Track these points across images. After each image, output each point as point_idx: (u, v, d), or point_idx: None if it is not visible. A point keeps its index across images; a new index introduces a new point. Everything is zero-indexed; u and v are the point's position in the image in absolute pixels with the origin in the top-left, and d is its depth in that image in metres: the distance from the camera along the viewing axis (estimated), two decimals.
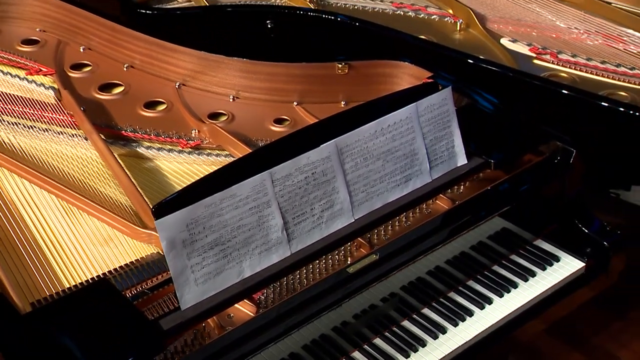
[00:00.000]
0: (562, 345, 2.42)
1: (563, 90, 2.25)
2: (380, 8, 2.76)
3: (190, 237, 1.56)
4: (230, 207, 1.60)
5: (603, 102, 2.18)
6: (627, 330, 2.52)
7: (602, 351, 2.46)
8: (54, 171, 2.04)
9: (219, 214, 1.59)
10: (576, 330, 2.42)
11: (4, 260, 1.79)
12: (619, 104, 2.18)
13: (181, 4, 2.80)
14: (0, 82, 2.36)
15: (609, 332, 2.50)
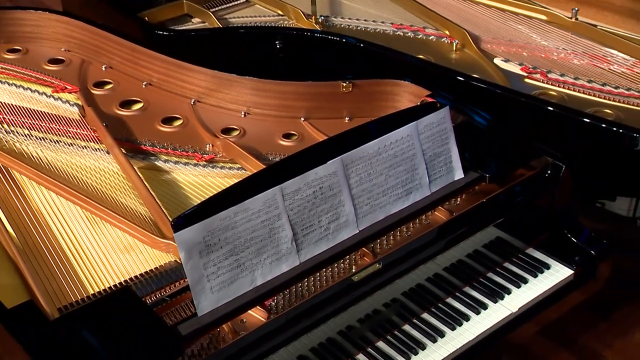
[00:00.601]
0: (551, 345, 2.42)
1: (551, 108, 2.24)
2: (382, 29, 2.76)
3: (206, 249, 1.56)
4: (243, 220, 1.60)
5: (590, 120, 2.17)
6: (611, 330, 2.52)
7: (588, 350, 2.46)
8: (78, 183, 2.04)
9: (233, 227, 1.59)
10: (565, 331, 2.42)
11: (32, 267, 1.79)
12: (604, 121, 2.17)
13: (195, 24, 2.81)
14: (29, 99, 2.35)
15: (596, 333, 2.49)
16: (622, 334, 2.53)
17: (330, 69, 2.55)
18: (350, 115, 2.29)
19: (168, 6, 2.83)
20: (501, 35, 2.71)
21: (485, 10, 2.86)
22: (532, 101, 2.27)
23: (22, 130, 2.21)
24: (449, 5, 2.90)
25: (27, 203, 1.99)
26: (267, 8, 2.91)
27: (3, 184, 2.03)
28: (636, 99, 2.33)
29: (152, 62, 2.43)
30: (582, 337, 2.48)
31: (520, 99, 2.28)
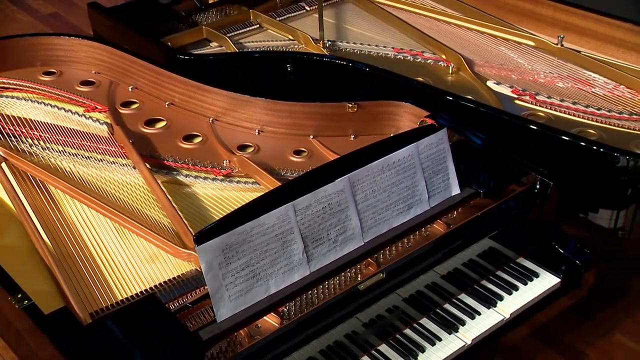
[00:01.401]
0: (539, 344, 2.40)
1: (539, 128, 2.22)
2: (384, 53, 2.75)
3: (225, 260, 1.56)
4: (259, 234, 1.60)
5: (574, 140, 2.16)
6: (593, 331, 2.50)
7: (573, 349, 2.44)
8: (107, 196, 2.04)
9: (250, 240, 1.59)
10: (551, 332, 2.40)
11: (66, 274, 1.78)
12: (588, 141, 2.15)
13: (213, 48, 2.81)
14: (63, 118, 2.35)
15: (579, 333, 2.48)
16: (604, 334, 2.51)
17: (337, 90, 2.54)
18: (355, 133, 2.29)
19: (188, 32, 2.82)
20: (493, 60, 2.70)
21: (479, 37, 2.85)
22: (522, 122, 2.26)
23: (57, 147, 2.21)
24: (445, 32, 2.88)
25: (61, 215, 1.99)
26: (278, 33, 2.90)
27: (40, 197, 2.03)
28: (617, 120, 2.32)
29: (174, 84, 2.43)
30: (567, 337, 2.46)
31: (511, 119, 2.26)
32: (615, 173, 2.12)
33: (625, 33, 2.64)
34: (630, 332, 2.53)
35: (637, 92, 2.47)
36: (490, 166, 2.01)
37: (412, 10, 3.03)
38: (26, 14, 4.52)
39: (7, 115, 2.33)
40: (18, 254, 1.88)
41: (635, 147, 2.19)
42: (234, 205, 2.04)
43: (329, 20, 2.98)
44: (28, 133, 2.25)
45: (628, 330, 2.54)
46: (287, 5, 3.08)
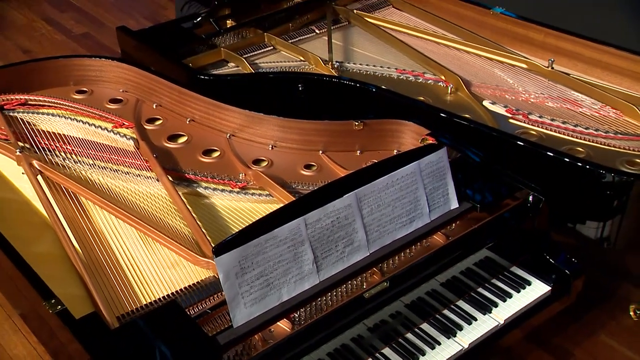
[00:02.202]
0: (529, 345, 2.38)
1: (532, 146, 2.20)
2: (387, 73, 2.72)
3: (241, 270, 1.54)
4: (272, 246, 1.58)
5: (564, 157, 2.13)
6: (580, 332, 2.48)
7: (561, 349, 2.42)
8: (132, 206, 2.02)
9: (264, 252, 1.57)
10: (541, 333, 2.38)
11: (95, 280, 1.77)
12: (576, 159, 2.13)
13: (231, 69, 2.79)
14: (93, 134, 2.34)
15: (567, 334, 2.45)
16: (589, 334, 2.49)
17: (345, 108, 2.52)
18: (361, 148, 2.27)
19: (208, 53, 2.80)
20: (489, 81, 2.67)
21: (475, 59, 2.82)
22: (515, 139, 2.23)
23: (88, 160, 2.19)
24: (444, 54, 2.86)
25: (91, 224, 1.97)
26: (290, 54, 2.88)
27: (72, 207, 2.01)
28: (603, 139, 2.29)
29: (195, 102, 2.41)
30: (555, 337, 2.44)
31: (506, 137, 2.24)
32: (602, 188, 2.09)
33: (610, 57, 2.61)
34: (613, 334, 2.50)
35: (621, 112, 2.44)
36: (486, 182, 1.99)
37: (413, 33, 3.00)
38: (61, 34, 4.52)
39: (43, 130, 2.32)
40: (52, 260, 1.87)
41: (620, 165, 2.17)
42: (249, 215, 2.03)
43: (337, 43, 2.96)
44: (61, 147, 2.24)
45: (612, 331, 2.51)
46: (299, 29, 3.06)
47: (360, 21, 3.08)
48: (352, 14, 3.11)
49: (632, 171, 2.13)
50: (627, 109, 2.42)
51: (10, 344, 2.49)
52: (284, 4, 3.20)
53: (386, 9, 3.21)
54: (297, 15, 3.08)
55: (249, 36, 2.96)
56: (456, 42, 2.91)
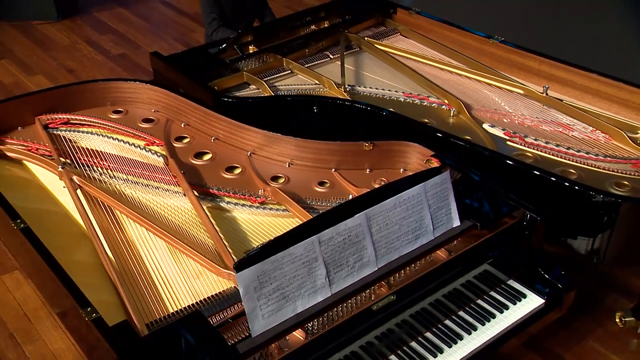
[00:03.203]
0: (522, 349, 2.33)
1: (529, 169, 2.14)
2: (395, 96, 2.68)
3: (259, 285, 1.51)
4: (288, 262, 1.55)
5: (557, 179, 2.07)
6: (570, 337, 2.42)
7: (552, 353, 2.36)
8: (161, 219, 2.00)
9: (280, 267, 1.54)
10: (534, 337, 2.32)
11: (127, 287, 1.75)
12: (569, 181, 2.07)
13: (252, 91, 2.76)
14: (127, 150, 2.32)
15: (558, 339, 2.39)
16: (579, 340, 2.43)
17: (356, 128, 2.48)
18: (370, 167, 2.23)
19: (231, 77, 2.77)
20: (488, 105, 2.61)
21: (476, 84, 2.77)
22: (513, 162, 2.17)
23: (122, 176, 2.17)
24: (448, 79, 2.81)
25: (124, 235, 1.96)
26: (307, 78, 2.84)
27: (107, 219, 2.00)
28: (593, 161, 2.23)
29: (219, 122, 2.38)
30: (547, 342, 2.38)
31: (504, 159, 2.18)
32: (592, 207, 2.04)
33: (600, 85, 2.54)
34: (601, 340, 2.44)
35: (610, 136, 2.37)
36: (486, 201, 1.94)
37: (419, 59, 2.95)
38: (100, 55, 4.52)
39: (83, 147, 2.31)
40: (89, 268, 1.86)
41: (609, 186, 2.11)
42: (267, 229, 1.99)
43: (349, 67, 2.92)
44: (99, 163, 2.22)
45: (599, 337, 2.45)
46: (314, 54, 3.03)
47: (370, 48, 3.04)
48: (363, 41, 3.07)
49: (620, 193, 2.07)
50: (615, 133, 2.36)
51: (51, 338, 2.47)
52: (301, 31, 3.17)
53: (394, 37, 3.17)
54: (313, 41, 3.05)
55: (269, 61, 2.93)
56: (458, 68, 2.85)
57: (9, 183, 2.17)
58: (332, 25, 3.19)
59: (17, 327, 2.52)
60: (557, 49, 2.82)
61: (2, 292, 2.68)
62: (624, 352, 2.40)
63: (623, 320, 2.47)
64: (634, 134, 2.38)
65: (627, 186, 2.11)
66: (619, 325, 2.48)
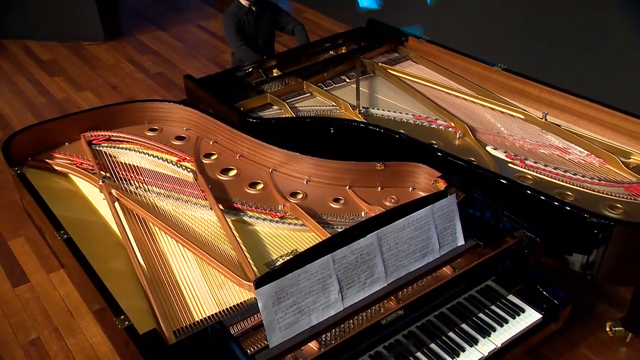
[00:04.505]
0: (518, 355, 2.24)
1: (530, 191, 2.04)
2: (406, 119, 2.60)
3: (277, 300, 1.46)
4: (304, 279, 1.49)
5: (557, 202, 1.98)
6: (563, 344, 2.33)
7: (546, 359, 2.28)
8: (189, 231, 1.96)
9: (297, 284, 1.48)
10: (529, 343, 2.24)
11: (157, 295, 1.71)
12: (566, 204, 1.97)
13: (275, 111, 2.71)
14: (161, 166, 2.28)
15: (552, 346, 2.31)
16: (571, 347, 2.34)
17: (370, 147, 2.42)
18: (381, 186, 2.16)
19: (256, 98, 2.72)
20: (491, 128, 2.52)
21: (480, 109, 2.68)
22: (515, 185, 2.07)
23: (155, 189, 2.14)
24: (454, 103, 2.73)
25: (156, 245, 1.91)
26: (325, 100, 2.79)
27: (141, 230, 1.96)
28: (589, 184, 2.14)
29: (244, 141, 2.33)
30: (542, 349, 2.29)
31: (507, 182, 2.09)
32: (587, 228, 1.95)
33: (595, 111, 2.44)
34: (592, 347, 2.35)
35: (604, 161, 2.28)
36: (489, 222, 1.87)
37: (428, 84, 2.88)
38: (140, 72, 4.51)
39: (122, 162, 2.28)
40: (123, 275, 1.82)
41: (603, 208, 2.01)
42: (285, 242, 1.94)
43: (364, 90, 2.85)
44: (135, 177, 2.19)
45: (591, 345, 2.36)
46: (332, 78, 2.97)
47: (383, 72, 2.97)
48: (377, 66, 3.00)
49: (613, 215, 1.98)
50: (609, 158, 2.26)
51: (90, 333, 2.45)
52: (320, 57, 3.11)
53: (406, 62, 3.10)
54: (331, 66, 2.99)
55: (290, 83, 2.88)
56: (464, 93, 2.77)
57: (56, 195, 2.15)
58: (349, 51, 3.12)
59: (61, 321, 2.50)
60: (556, 77, 2.73)
61: (49, 289, 2.67)
62: (613, 359, 2.31)
63: (613, 329, 2.38)
64: (627, 158, 2.28)
65: (620, 209, 2.01)
66: (608, 334, 2.39)
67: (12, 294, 2.63)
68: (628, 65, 3.33)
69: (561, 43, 3.60)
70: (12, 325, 2.48)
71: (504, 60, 2.80)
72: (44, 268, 2.77)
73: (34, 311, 2.56)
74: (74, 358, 2.34)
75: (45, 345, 2.41)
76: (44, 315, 2.54)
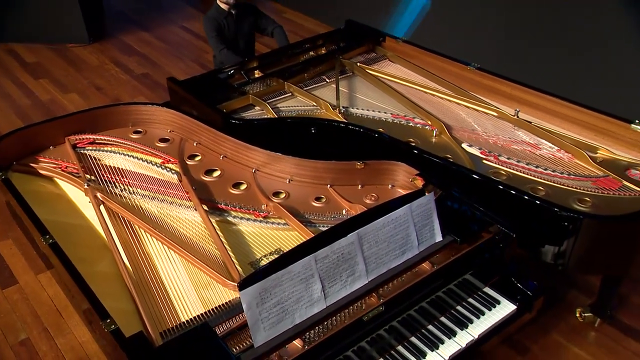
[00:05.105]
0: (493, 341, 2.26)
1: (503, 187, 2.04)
2: (384, 117, 2.58)
3: (261, 300, 1.42)
4: (287, 279, 1.46)
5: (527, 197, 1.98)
6: (536, 330, 2.35)
7: (521, 344, 2.28)
8: (174, 232, 1.91)
9: (280, 284, 1.45)
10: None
11: (143, 297, 1.66)
12: (537, 198, 1.98)
13: (257, 112, 2.66)
14: (145, 168, 2.22)
15: (526, 332, 2.32)
16: (544, 333, 2.36)
17: (349, 145, 2.39)
18: (362, 183, 2.14)
19: (238, 99, 2.67)
20: (466, 126, 2.51)
21: (455, 106, 2.67)
22: (490, 181, 2.07)
23: (140, 191, 2.08)
24: (430, 101, 2.71)
25: (141, 247, 1.86)
26: (305, 100, 2.75)
27: (127, 233, 1.91)
28: (559, 179, 2.14)
29: (227, 142, 2.28)
30: (516, 335, 2.30)
31: (480, 178, 2.08)
32: (558, 221, 1.95)
33: (563, 108, 2.44)
34: (563, 332, 2.37)
35: (573, 156, 2.28)
36: (465, 218, 1.85)
37: (405, 83, 2.85)
38: (125, 74, 4.41)
39: (106, 165, 2.21)
40: (109, 278, 1.77)
41: (573, 202, 2.02)
42: (269, 241, 1.91)
43: (344, 90, 2.82)
44: (120, 180, 2.13)
45: (562, 330, 2.38)
46: (312, 78, 2.93)
47: (362, 72, 2.94)
48: (356, 66, 2.96)
49: (582, 209, 1.99)
50: (577, 153, 2.26)
51: (79, 332, 2.39)
52: (301, 58, 3.07)
53: (383, 62, 3.07)
54: (311, 67, 2.94)
55: (272, 84, 2.83)
56: (440, 92, 2.75)
57: (42, 199, 2.08)
58: (329, 52, 3.08)
59: (50, 321, 2.44)
60: (527, 75, 2.72)
61: (37, 290, 2.60)
62: (583, 344, 2.33)
63: (583, 315, 2.40)
64: (594, 153, 2.29)
65: (588, 202, 2.02)
66: (578, 320, 2.41)
67: (1, 295, 2.56)
68: (595, 64, 3.35)
69: (533, 42, 3.61)
70: (1, 326, 2.42)
71: (479, 59, 2.79)
72: (32, 269, 2.70)
73: (23, 312, 2.49)
74: (64, 357, 2.29)
75: (35, 346, 2.35)
76: (33, 316, 2.47)
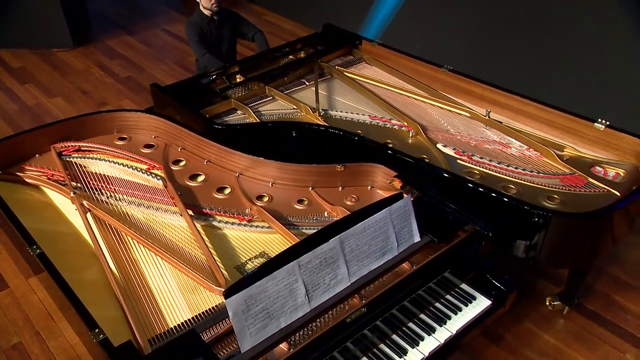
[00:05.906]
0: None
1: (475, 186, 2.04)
2: (362, 119, 2.54)
3: (247, 307, 1.38)
4: (272, 285, 1.43)
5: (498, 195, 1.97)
6: (509, 319, 2.35)
7: (495, 333, 2.29)
8: (160, 238, 1.85)
9: (265, 290, 1.41)
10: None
11: (131, 304, 1.61)
12: (508, 197, 1.97)
13: (239, 116, 2.60)
14: (131, 174, 2.15)
15: (500, 321, 2.30)
16: (517, 321, 2.37)
17: (330, 147, 2.35)
18: (342, 185, 2.10)
19: (221, 104, 2.60)
20: (441, 126, 2.49)
21: (429, 107, 2.64)
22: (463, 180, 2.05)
23: (126, 198, 2.01)
24: (405, 102, 2.67)
25: (129, 254, 1.80)
26: (286, 103, 2.70)
27: (114, 240, 1.84)
28: (529, 177, 2.13)
29: (210, 147, 2.22)
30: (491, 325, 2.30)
31: (456, 178, 2.07)
32: (528, 217, 1.95)
33: (532, 108, 2.42)
34: (535, 320, 2.39)
35: (541, 154, 2.28)
36: (442, 218, 1.83)
37: (381, 85, 2.81)
38: (110, 77, 4.28)
39: (92, 172, 2.14)
40: (97, 285, 1.71)
41: (542, 200, 2.02)
42: (254, 244, 1.86)
43: (323, 93, 2.77)
44: (106, 187, 2.06)
45: (533, 319, 2.39)
46: (292, 81, 2.88)
47: (340, 75, 2.89)
48: (334, 69, 2.92)
49: (550, 206, 1.99)
50: (545, 151, 2.26)
51: (70, 334, 2.32)
52: (281, 61, 3.01)
53: (360, 64, 3.03)
54: (291, 70, 2.89)
55: (253, 88, 2.77)
56: (414, 93, 2.73)
57: (29, 207, 2.00)
58: (307, 56, 3.03)
59: (42, 324, 2.36)
60: (497, 77, 2.71)
61: (28, 293, 2.51)
62: (552, 331, 2.35)
63: (552, 304, 2.42)
64: (561, 151, 2.29)
65: (557, 199, 2.02)
66: (549, 308, 2.43)
67: None
68: (563, 65, 3.36)
69: (502, 44, 3.60)
70: None
71: (451, 61, 2.76)
72: (22, 273, 2.61)
73: (14, 316, 2.40)
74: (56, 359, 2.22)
75: (27, 349, 2.27)
76: (25, 320, 2.39)
